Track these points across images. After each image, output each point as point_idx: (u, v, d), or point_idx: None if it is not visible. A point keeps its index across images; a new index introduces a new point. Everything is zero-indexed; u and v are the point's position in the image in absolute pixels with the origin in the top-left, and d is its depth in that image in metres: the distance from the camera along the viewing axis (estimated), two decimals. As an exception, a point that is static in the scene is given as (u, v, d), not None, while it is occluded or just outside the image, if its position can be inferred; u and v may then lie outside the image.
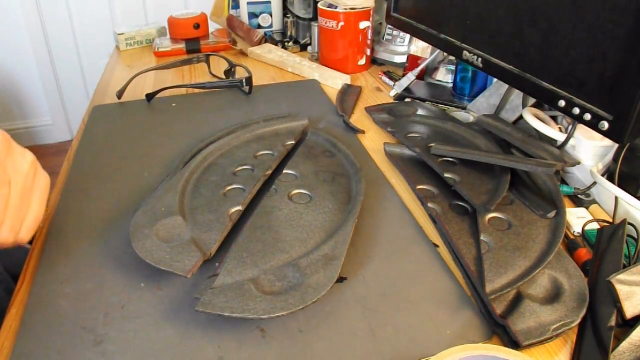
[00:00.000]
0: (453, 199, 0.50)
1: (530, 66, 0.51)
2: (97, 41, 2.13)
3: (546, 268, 0.41)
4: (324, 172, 0.54)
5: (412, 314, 0.39)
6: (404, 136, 0.61)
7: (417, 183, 0.52)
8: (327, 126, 0.69)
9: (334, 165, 0.56)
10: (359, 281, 0.42)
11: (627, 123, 0.41)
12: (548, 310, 0.37)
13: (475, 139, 0.59)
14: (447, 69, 0.85)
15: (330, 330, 0.38)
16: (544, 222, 0.46)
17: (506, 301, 0.38)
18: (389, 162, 0.60)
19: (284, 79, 0.89)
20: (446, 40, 0.64)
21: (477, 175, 0.52)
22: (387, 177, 0.57)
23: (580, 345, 0.36)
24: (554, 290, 0.40)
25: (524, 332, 0.36)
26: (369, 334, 0.37)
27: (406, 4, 0.73)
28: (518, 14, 0.52)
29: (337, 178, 0.53)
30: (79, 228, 0.48)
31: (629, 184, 0.49)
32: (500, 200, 0.48)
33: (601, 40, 0.43)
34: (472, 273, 0.41)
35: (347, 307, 0.40)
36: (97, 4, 2.09)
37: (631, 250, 0.44)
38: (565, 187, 0.53)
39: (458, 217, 0.47)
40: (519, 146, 0.56)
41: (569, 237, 0.48)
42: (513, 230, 0.45)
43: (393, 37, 0.92)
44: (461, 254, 0.43)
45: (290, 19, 1.06)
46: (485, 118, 0.62)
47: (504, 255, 0.42)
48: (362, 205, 0.49)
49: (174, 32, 1.02)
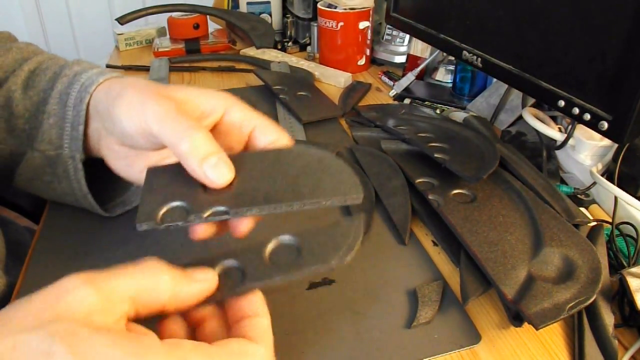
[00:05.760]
0: (453, 189, 0.50)
1: (530, 66, 0.51)
2: (96, 41, 2.12)
3: (556, 246, 0.41)
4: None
5: (399, 317, 0.39)
6: (391, 127, 0.62)
7: (416, 177, 0.52)
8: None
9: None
10: (347, 284, 0.42)
11: (626, 123, 0.41)
12: (562, 290, 0.37)
13: (464, 132, 0.59)
14: (447, 69, 0.85)
15: (317, 333, 0.37)
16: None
17: (517, 285, 0.38)
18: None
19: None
20: (446, 40, 0.64)
21: (465, 155, 0.53)
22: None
23: (582, 350, 0.37)
24: (566, 268, 0.39)
25: (538, 314, 0.35)
26: (355, 337, 0.37)
27: (406, 4, 0.73)
28: (518, 14, 0.52)
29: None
30: (76, 226, 0.48)
31: (628, 184, 0.49)
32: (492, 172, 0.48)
33: (601, 40, 0.43)
34: (479, 261, 0.41)
35: (335, 311, 0.39)
36: (96, 4, 2.09)
37: (631, 250, 0.44)
38: (565, 187, 0.53)
39: (460, 205, 0.47)
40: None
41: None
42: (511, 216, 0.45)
43: (393, 37, 0.92)
44: (466, 243, 0.42)
45: (289, 19, 1.06)
46: (472, 119, 0.63)
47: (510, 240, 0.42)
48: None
49: (173, 33, 1.02)
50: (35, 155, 0.43)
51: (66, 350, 0.22)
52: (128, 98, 0.35)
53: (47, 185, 0.44)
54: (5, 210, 0.69)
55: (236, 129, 0.36)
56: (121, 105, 0.35)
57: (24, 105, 0.43)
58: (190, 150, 0.31)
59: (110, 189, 0.49)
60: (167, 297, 0.27)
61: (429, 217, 0.49)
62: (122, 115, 0.35)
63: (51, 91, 0.42)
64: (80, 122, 0.41)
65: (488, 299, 0.41)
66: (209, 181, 0.31)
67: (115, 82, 0.40)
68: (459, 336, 0.37)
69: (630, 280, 0.37)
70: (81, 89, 0.41)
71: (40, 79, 0.44)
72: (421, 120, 0.64)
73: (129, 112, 0.34)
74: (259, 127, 0.36)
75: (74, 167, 0.42)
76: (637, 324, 0.39)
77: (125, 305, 0.25)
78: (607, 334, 0.37)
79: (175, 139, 0.31)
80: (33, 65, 0.45)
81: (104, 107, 0.38)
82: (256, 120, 0.36)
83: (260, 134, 0.36)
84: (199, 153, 0.31)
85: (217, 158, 0.31)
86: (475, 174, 0.48)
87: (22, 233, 0.64)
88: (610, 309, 0.38)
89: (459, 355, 0.37)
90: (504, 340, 0.38)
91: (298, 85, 0.79)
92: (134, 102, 0.34)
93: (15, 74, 0.44)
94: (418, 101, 0.77)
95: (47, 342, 0.22)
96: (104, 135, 0.41)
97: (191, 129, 0.31)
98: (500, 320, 0.39)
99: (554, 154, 0.59)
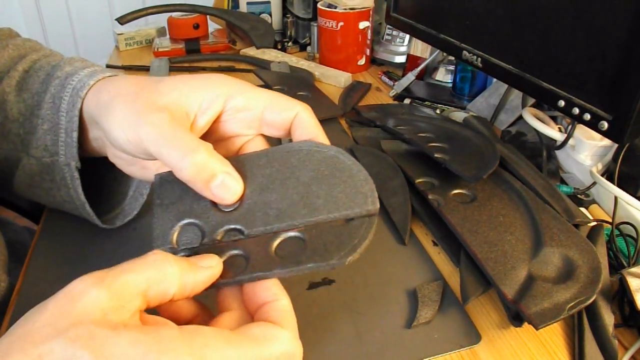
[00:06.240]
0: (453, 189, 0.50)
1: (530, 66, 0.51)
2: (96, 41, 2.13)
3: (556, 246, 0.41)
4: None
5: (399, 317, 0.39)
6: (391, 127, 0.61)
7: (416, 177, 0.52)
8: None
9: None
10: (347, 284, 0.42)
11: (626, 123, 0.41)
12: (562, 290, 0.37)
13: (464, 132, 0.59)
14: (447, 69, 0.85)
15: (317, 333, 0.37)
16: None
17: (517, 285, 0.38)
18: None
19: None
20: (446, 40, 0.64)
21: (465, 155, 0.53)
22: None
23: (582, 350, 0.37)
24: (566, 268, 0.39)
25: (538, 314, 0.35)
26: (355, 337, 0.37)
27: (406, 4, 0.73)
28: (518, 13, 0.52)
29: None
30: (76, 226, 0.48)
31: (628, 184, 0.49)
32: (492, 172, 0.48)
33: (601, 40, 0.43)
34: (479, 261, 0.41)
35: (335, 311, 0.39)
36: (96, 4, 2.09)
37: (631, 250, 0.44)
38: (565, 187, 0.53)
39: (460, 205, 0.47)
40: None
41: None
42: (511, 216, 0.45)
43: (393, 37, 0.92)
44: (466, 243, 0.42)
45: (289, 19, 1.06)
46: (472, 119, 0.63)
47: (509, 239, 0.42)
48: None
49: (173, 33, 1.02)
50: (32, 161, 0.42)
51: (90, 355, 0.22)
52: (118, 114, 0.33)
53: (47, 192, 0.43)
54: (5, 210, 0.69)
55: (242, 113, 0.35)
56: (112, 122, 0.33)
57: (18, 108, 0.42)
58: (193, 175, 0.30)
59: (111, 196, 0.48)
60: (175, 287, 0.27)
61: (429, 217, 0.49)
62: (114, 133, 0.33)
63: (44, 95, 0.41)
64: (73, 129, 0.39)
65: (488, 299, 0.41)
66: (219, 200, 0.31)
67: (104, 87, 0.37)
68: (459, 336, 0.37)
69: (630, 280, 0.37)
70: (73, 93, 0.39)
71: (33, 80, 0.42)
72: (421, 120, 0.64)
73: (121, 128, 0.33)
74: (269, 108, 0.35)
75: (71, 175, 0.40)
76: (637, 324, 0.39)
77: (138, 301, 0.25)
78: (607, 334, 0.37)
79: (176, 163, 0.30)
80: (27, 65, 0.44)
81: (97, 117, 0.36)
82: (264, 100, 0.35)
83: (272, 113, 0.35)
84: (202, 177, 0.30)
85: (222, 177, 0.31)
86: (475, 174, 0.48)
87: (21, 233, 0.63)
88: (610, 309, 0.38)
89: (459, 355, 0.37)
90: (504, 340, 0.38)
91: (298, 85, 0.79)
92: (125, 119, 0.32)
93: (10, 75, 0.43)
94: (418, 101, 0.77)
95: (71, 348, 0.22)
96: (108, 145, 0.38)
97: (190, 152, 0.30)
98: (500, 320, 0.39)
99: (554, 154, 0.59)
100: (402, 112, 0.71)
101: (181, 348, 0.24)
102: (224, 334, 0.26)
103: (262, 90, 0.35)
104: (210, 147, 0.31)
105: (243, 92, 0.34)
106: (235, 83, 0.35)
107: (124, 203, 0.47)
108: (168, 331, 0.24)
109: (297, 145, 0.34)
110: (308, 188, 0.32)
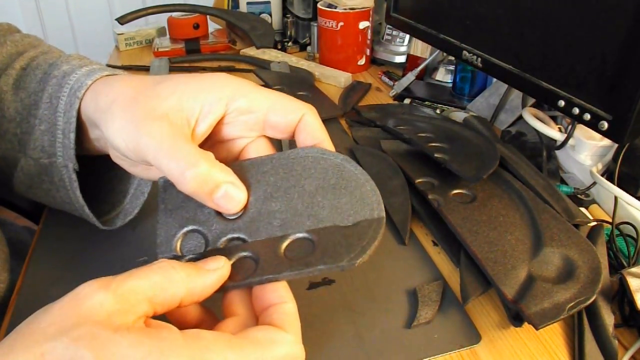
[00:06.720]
0: (453, 189, 0.50)
1: (530, 66, 0.51)
2: (96, 41, 2.12)
3: (556, 246, 0.41)
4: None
5: (399, 317, 0.39)
6: (391, 127, 0.61)
7: (416, 177, 0.52)
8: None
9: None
10: (347, 284, 0.42)
11: (626, 123, 0.41)
12: (562, 290, 0.37)
13: (464, 132, 0.59)
14: (447, 69, 0.85)
15: (316, 333, 0.37)
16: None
17: (517, 285, 0.38)
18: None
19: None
20: (446, 40, 0.64)
21: (465, 155, 0.53)
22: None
23: (582, 350, 0.37)
24: (566, 268, 0.39)
25: (538, 314, 0.35)
26: (355, 337, 0.37)
27: (406, 4, 0.73)
28: (517, 13, 0.52)
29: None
30: (76, 226, 0.48)
31: (628, 184, 0.49)
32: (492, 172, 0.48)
33: (601, 40, 0.43)
34: (479, 261, 0.41)
35: (335, 311, 0.39)
36: (96, 4, 2.09)
37: (631, 250, 0.44)
38: (565, 187, 0.53)
39: (460, 205, 0.47)
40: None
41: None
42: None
43: (393, 37, 0.92)
44: (466, 243, 0.42)
45: (289, 19, 1.06)
46: (472, 119, 0.63)
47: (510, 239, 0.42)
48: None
49: (173, 33, 1.02)
50: (30, 162, 0.41)
51: (91, 355, 0.22)
52: (117, 121, 0.32)
53: (46, 193, 0.43)
54: (5, 210, 0.69)
55: (245, 116, 0.34)
56: (112, 130, 0.33)
57: (15, 108, 0.41)
58: (195, 188, 0.30)
59: (111, 194, 0.48)
60: (183, 293, 0.27)
61: (429, 217, 0.49)
62: (115, 141, 0.32)
63: (42, 94, 0.40)
64: (71, 130, 0.38)
65: (488, 299, 0.41)
66: (223, 210, 0.31)
67: (102, 90, 0.36)
68: (459, 336, 0.37)
69: (630, 280, 0.37)
70: (70, 94, 0.38)
71: (30, 79, 0.41)
72: (421, 120, 0.64)
73: (121, 137, 0.32)
74: (273, 110, 0.33)
75: (69, 177, 0.40)
76: (637, 324, 0.39)
77: (144, 306, 0.25)
78: (607, 334, 0.37)
79: (177, 176, 0.30)
80: (25, 62, 0.43)
81: (97, 121, 0.35)
82: (268, 102, 0.33)
83: (276, 116, 0.34)
84: (204, 190, 0.30)
85: (225, 187, 0.30)
86: (475, 174, 0.48)
87: (21, 233, 0.63)
88: (610, 309, 0.38)
89: (459, 355, 0.36)
90: (504, 340, 0.38)
91: (298, 85, 0.79)
92: (124, 128, 0.32)
93: (7, 73, 0.42)
94: (418, 101, 0.77)
95: (73, 348, 0.23)
96: (109, 147, 0.37)
97: (191, 165, 0.29)
98: (500, 320, 0.39)
99: (554, 154, 0.59)
100: (402, 112, 0.71)
101: (182, 350, 0.24)
102: (226, 337, 0.26)
103: (265, 91, 0.34)
104: (212, 157, 0.31)
105: (246, 93, 0.33)
106: (238, 84, 0.34)
107: (125, 201, 0.47)
108: (169, 334, 0.24)
109: (303, 151, 0.33)
110: (313, 198, 0.31)
